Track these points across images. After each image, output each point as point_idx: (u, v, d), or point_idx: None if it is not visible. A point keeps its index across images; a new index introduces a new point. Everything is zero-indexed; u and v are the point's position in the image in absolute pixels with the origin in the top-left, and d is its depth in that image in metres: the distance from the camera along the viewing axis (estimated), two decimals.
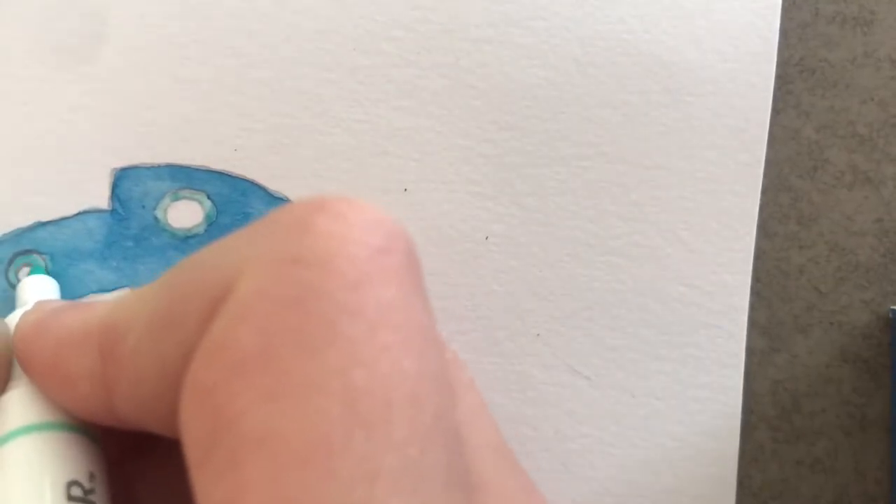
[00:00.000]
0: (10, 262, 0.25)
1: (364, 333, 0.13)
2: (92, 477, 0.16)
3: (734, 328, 0.26)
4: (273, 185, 0.25)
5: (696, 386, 0.26)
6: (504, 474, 0.15)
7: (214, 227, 0.25)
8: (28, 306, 0.20)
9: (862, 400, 0.27)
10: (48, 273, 0.25)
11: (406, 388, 0.13)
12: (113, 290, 0.25)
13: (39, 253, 0.25)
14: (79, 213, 0.25)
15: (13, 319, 0.20)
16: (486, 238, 0.25)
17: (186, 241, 0.25)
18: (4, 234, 0.25)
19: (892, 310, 0.26)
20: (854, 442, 0.27)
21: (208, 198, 0.25)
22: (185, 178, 0.25)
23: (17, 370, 0.18)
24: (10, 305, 0.25)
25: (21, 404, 0.17)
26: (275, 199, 0.25)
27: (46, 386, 0.17)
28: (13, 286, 0.25)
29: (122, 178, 0.25)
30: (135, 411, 0.15)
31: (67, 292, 0.25)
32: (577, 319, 0.26)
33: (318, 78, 0.25)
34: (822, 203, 0.26)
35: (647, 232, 0.26)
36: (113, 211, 0.25)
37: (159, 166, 0.25)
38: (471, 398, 0.16)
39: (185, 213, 0.25)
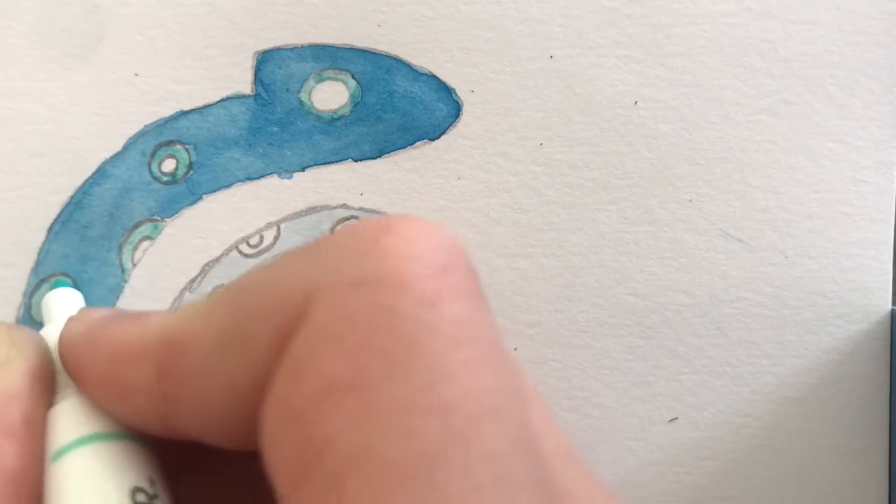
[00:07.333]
0: (153, 153, 0.24)
1: (445, 350, 0.13)
2: (153, 482, 0.16)
3: (884, 182, 0.26)
4: (417, 61, 0.24)
5: (848, 243, 0.26)
6: (583, 481, 0.15)
7: (360, 108, 0.24)
8: (58, 321, 0.20)
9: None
10: (192, 166, 0.24)
11: (489, 402, 0.13)
12: (260, 177, 0.24)
13: (182, 143, 0.24)
14: (221, 100, 0.24)
15: (47, 334, 0.19)
16: (636, 103, 0.25)
17: (332, 124, 0.24)
18: (146, 126, 0.24)
19: (893, 310, 0.26)
20: None
21: (353, 77, 0.24)
22: (328, 57, 0.24)
23: (62, 382, 0.18)
24: (154, 198, 0.24)
25: (74, 416, 0.17)
26: (419, 75, 0.24)
27: (99, 398, 0.17)
28: (157, 180, 0.24)
29: (265, 61, 0.24)
30: (195, 425, 0.16)
31: (214, 182, 0.24)
32: (729, 182, 0.25)
33: None
34: None
35: (796, 88, 0.25)
36: (256, 96, 0.24)
37: (302, 47, 0.24)
38: (539, 407, 0.16)
39: (330, 95, 0.24)
